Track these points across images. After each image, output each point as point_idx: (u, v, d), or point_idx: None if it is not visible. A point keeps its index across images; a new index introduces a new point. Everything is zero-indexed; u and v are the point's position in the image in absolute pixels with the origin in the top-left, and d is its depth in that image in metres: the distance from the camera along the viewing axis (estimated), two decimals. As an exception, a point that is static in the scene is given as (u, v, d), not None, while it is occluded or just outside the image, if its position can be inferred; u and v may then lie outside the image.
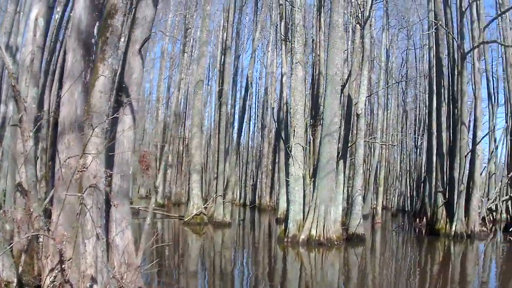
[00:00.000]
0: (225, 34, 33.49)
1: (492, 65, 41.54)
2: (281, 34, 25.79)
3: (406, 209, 47.01)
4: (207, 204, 28.83)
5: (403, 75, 50.79)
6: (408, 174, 49.30)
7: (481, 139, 24.24)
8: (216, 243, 20.57)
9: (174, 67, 52.26)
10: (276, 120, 34.64)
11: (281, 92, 32.01)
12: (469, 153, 24.37)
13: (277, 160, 38.75)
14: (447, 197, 24.24)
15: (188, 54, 45.69)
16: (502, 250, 20.36)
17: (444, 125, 25.60)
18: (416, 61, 50.03)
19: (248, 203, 54.38)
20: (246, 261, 16.12)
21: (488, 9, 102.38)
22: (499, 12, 27.27)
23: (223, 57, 32.31)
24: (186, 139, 46.10)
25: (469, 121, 36.29)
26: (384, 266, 15.27)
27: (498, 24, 32.49)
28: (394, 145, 48.92)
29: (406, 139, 52.23)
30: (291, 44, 21.86)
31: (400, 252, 19.98)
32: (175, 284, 10.86)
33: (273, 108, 44.38)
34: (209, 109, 56.44)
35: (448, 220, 23.43)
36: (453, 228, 22.47)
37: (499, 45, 33.83)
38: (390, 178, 57.35)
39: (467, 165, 24.18)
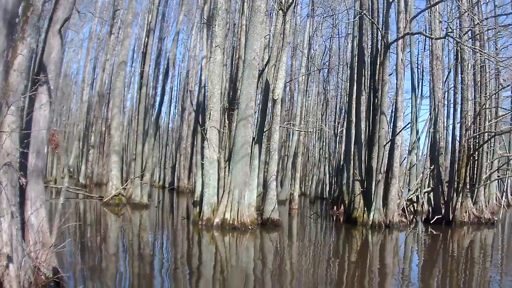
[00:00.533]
0: (150, 16, 33.18)
1: (418, 57, 42.82)
2: (203, 17, 25.70)
3: (325, 196, 47.51)
4: (125, 185, 28.71)
5: (325, 63, 51.53)
6: (327, 162, 50.10)
7: (401, 130, 24.21)
8: (134, 225, 20.36)
9: (101, 48, 51.51)
10: (195, 103, 34.63)
11: (201, 75, 32.06)
12: (388, 143, 24.39)
13: (195, 143, 38.87)
14: (365, 186, 24.17)
15: (115, 36, 45.05)
16: (422, 240, 20.65)
17: (363, 114, 25.57)
18: (339, 50, 50.43)
19: (167, 185, 54.22)
20: (160, 243, 15.99)
21: (419, 2, 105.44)
22: (429, 4, 27.36)
23: (146, 39, 32.04)
24: (109, 120, 45.65)
25: (391, 111, 37.62)
26: (300, 252, 15.19)
27: (428, 17, 32.75)
28: (311, 131, 49.29)
29: (326, 126, 52.88)
30: (212, 27, 21.87)
31: (316, 239, 20.05)
32: (91, 265, 10.93)
33: (191, 91, 44.53)
34: (132, 90, 55.85)
35: (365, 209, 23.40)
36: (371, 217, 22.45)
37: (427, 38, 34.52)
38: (309, 164, 58.27)
39: (387, 155, 24.18)
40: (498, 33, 27.70)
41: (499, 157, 33.38)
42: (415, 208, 30.66)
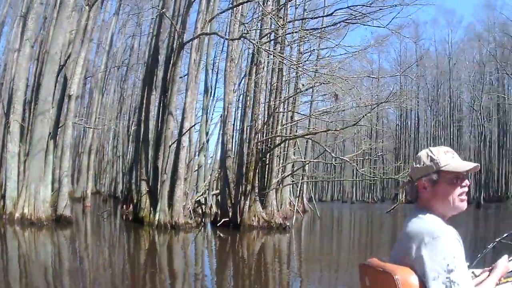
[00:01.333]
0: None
1: (216, 59, 43.74)
2: (21, 10, 24.69)
3: (117, 195, 47.26)
4: None
5: (124, 61, 51.39)
6: (120, 160, 49.98)
7: (187, 131, 23.83)
8: None
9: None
10: (7, 97, 32.71)
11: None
12: (175, 143, 24.12)
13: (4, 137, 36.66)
14: (151, 186, 23.92)
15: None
16: (211, 243, 20.83)
17: (152, 114, 25.54)
18: (139, 49, 50.64)
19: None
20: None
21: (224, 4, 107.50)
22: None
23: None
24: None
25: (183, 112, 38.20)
26: (92, 251, 15.37)
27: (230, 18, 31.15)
28: (99, 129, 47.25)
29: (120, 125, 52.72)
30: (26, 20, 21.25)
31: (105, 238, 20.20)
32: None
33: (2, 83, 41.91)
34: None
35: (152, 209, 23.05)
36: (157, 218, 22.23)
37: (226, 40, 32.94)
38: (103, 163, 57.73)
39: (174, 156, 23.78)
40: (303, 38, 27.36)
41: (292, 162, 34.17)
42: (203, 210, 30.64)
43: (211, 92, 40.16)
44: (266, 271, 13.25)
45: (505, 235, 3.89)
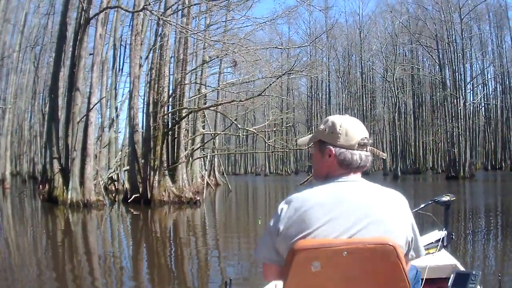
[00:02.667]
0: None
1: (123, 34, 42.57)
2: None
3: (36, 176, 46.36)
4: None
5: (38, 40, 50.22)
6: (37, 140, 48.86)
7: (93, 106, 23.68)
8: None
9: None
10: None
11: None
12: (83, 120, 23.74)
13: None
14: (63, 164, 23.54)
15: None
16: (123, 220, 20.24)
17: (61, 90, 25.07)
18: (53, 27, 48.69)
19: None
20: None
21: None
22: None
23: None
24: None
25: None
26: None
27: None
28: (8, 108, 45.93)
29: (36, 104, 52.06)
30: None
31: (21, 219, 19.67)
32: None
33: None
34: None
35: (64, 188, 22.60)
36: (69, 196, 21.90)
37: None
38: (22, 143, 56.83)
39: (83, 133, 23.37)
40: (209, 9, 26.94)
41: (200, 134, 34.00)
42: (116, 187, 30.63)
43: (120, 68, 39.57)
44: (181, 246, 12.96)
45: (422, 205, 3.99)
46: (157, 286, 8.09)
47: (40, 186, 27.67)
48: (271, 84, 24.49)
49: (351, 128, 2.25)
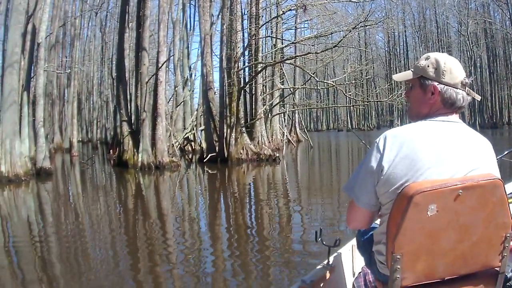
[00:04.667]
0: None
1: None
2: None
3: (108, 141, 46.64)
4: None
5: (103, 5, 50.06)
6: (107, 105, 49.39)
7: (162, 65, 22.89)
8: None
9: None
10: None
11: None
12: (152, 80, 23.36)
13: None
14: (133, 126, 23.20)
15: None
16: (199, 180, 19.92)
17: (127, 52, 24.77)
18: None
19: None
20: None
21: None
22: None
23: None
24: None
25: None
26: (73, 201, 14.50)
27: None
28: (67, 72, 44.80)
29: (105, 69, 51.88)
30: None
31: (90, 185, 19.31)
32: None
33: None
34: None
35: (135, 150, 22.30)
36: (139, 159, 21.63)
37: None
38: (92, 110, 57.18)
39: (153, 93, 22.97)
40: None
41: (277, 89, 33.26)
42: (193, 147, 30.13)
43: (192, 27, 39.23)
44: (262, 206, 12.30)
45: (505, 152, 4.21)
46: (236, 249, 7.62)
47: (111, 151, 27.74)
48: (346, 35, 23.63)
49: (454, 66, 2.16)
